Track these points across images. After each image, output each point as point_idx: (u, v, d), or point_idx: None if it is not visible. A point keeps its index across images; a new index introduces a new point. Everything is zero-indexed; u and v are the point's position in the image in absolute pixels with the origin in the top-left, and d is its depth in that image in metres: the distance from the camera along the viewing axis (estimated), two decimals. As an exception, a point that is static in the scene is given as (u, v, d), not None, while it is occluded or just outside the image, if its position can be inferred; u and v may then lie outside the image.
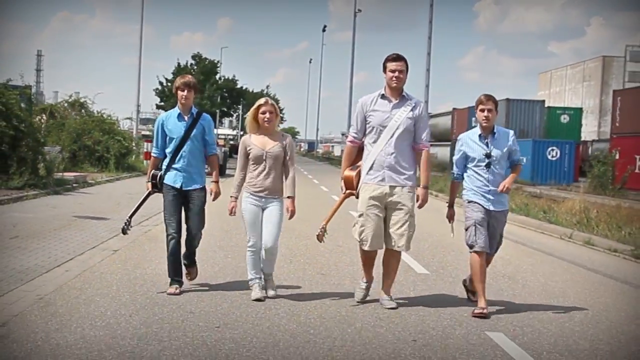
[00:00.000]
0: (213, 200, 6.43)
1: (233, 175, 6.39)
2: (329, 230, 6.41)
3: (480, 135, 6.28)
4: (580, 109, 43.63)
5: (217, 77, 67.91)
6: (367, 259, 6.31)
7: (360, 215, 6.16)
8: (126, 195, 16.52)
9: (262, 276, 6.30)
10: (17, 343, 4.63)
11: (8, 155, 15.91)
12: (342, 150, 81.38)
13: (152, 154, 6.61)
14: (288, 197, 6.27)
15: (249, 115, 6.27)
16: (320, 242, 6.30)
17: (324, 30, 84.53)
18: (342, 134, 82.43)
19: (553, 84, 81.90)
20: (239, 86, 73.03)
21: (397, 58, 6.14)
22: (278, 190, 6.28)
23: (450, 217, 6.40)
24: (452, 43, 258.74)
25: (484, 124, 6.23)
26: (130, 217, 6.63)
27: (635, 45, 76.97)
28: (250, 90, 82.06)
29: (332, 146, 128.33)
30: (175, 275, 6.40)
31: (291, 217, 6.31)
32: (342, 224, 9.62)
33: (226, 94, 70.59)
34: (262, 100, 6.25)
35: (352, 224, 6.28)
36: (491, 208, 6.19)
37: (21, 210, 12.61)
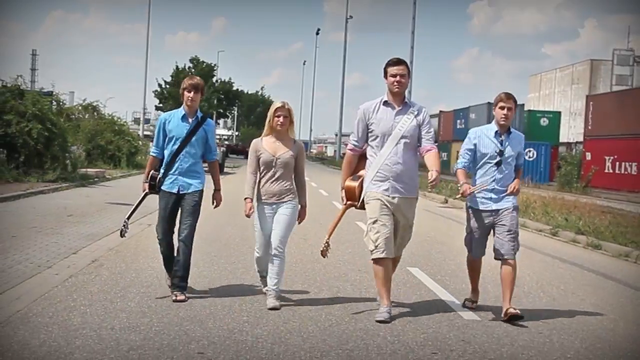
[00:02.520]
0: (214, 207, 6.48)
1: (231, 173, 7.42)
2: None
3: (496, 132, 6.18)
4: (559, 113, 46.23)
5: (214, 79, 70.65)
6: (383, 274, 5.85)
7: (374, 222, 5.85)
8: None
9: (272, 290, 6.05)
10: (108, 270, 7.40)
11: (43, 154, 18.72)
12: (335, 151, 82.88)
13: (151, 154, 6.45)
14: (301, 204, 6.21)
15: (268, 119, 6.14)
16: (324, 257, 6.07)
17: (317, 34, 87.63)
18: (336, 134, 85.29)
19: (543, 86, 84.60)
20: (234, 88, 75.85)
21: (398, 62, 5.94)
22: (287, 192, 6.13)
23: (466, 189, 6.13)
24: (446, 44, 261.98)
25: (502, 122, 6.14)
26: (128, 218, 6.53)
27: (623, 49, 79.56)
28: (246, 92, 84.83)
29: (326, 147, 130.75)
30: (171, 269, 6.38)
31: (301, 222, 6.26)
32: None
33: (222, 96, 73.29)
34: (279, 103, 6.13)
35: (364, 233, 5.98)
36: (492, 207, 6.13)
37: (62, 198, 15.38)
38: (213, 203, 6.43)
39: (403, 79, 5.92)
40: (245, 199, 6.11)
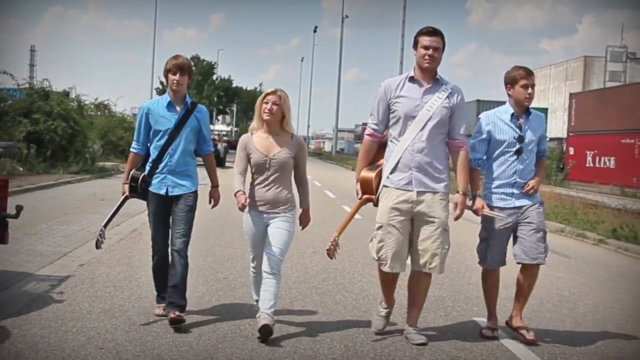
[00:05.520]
0: (212, 207, 5.61)
1: (232, 168, 5.58)
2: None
3: (513, 115, 5.25)
4: (546, 109, 48.48)
5: (214, 77, 73.02)
6: (387, 279, 5.20)
7: (379, 228, 5.03)
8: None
9: (267, 314, 4.96)
10: (148, 236, 9.69)
11: (67, 149, 21.15)
12: (332, 147, 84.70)
13: (132, 150, 5.52)
14: (303, 208, 5.32)
15: (256, 108, 5.17)
16: (332, 258, 5.05)
17: (315, 31, 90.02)
18: (333, 130, 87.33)
19: (538, 82, 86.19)
20: (234, 85, 78.25)
21: (433, 32, 5.00)
22: (282, 201, 5.13)
23: (481, 207, 5.20)
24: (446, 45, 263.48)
25: (526, 103, 5.20)
26: (104, 226, 5.67)
27: (616, 46, 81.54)
28: (244, 88, 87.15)
29: (323, 142, 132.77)
30: (162, 290, 5.46)
31: (304, 227, 5.36)
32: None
33: (222, 93, 75.64)
34: (270, 89, 5.17)
35: (369, 238, 5.15)
36: (515, 204, 5.21)
37: (88, 187, 17.76)
38: (210, 202, 5.58)
39: (436, 54, 5.00)
40: (237, 192, 5.08)
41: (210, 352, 4.68)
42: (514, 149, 5.21)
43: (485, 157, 5.34)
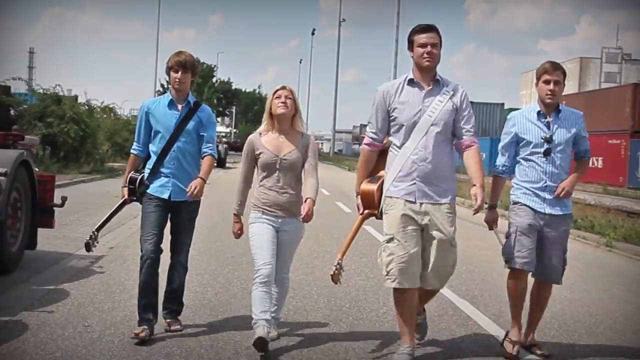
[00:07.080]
0: (188, 196, 5.02)
1: (233, 168, 5.57)
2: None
3: (539, 113, 4.97)
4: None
5: (214, 80, 74.48)
6: (404, 304, 4.68)
7: (389, 241, 4.63)
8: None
9: (271, 317, 4.82)
10: (163, 226, 11.17)
11: (79, 150, 22.64)
12: (330, 148, 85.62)
13: (132, 151, 5.33)
14: (307, 198, 4.84)
15: (266, 108, 4.95)
16: (336, 283, 4.85)
17: (313, 34, 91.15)
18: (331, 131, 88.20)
19: (533, 84, 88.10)
20: (233, 87, 79.78)
21: (428, 28, 4.69)
22: (293, 204, 4.90)
23: (493, 220, 4.99)
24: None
25: (548, 100, 4.90)
26: (98, 230, 5.51)
27: (612, 47, 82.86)
28: (244, 90, 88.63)
29: (322, 143, 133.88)
30: (144, 311, 5.05)
31: (306, 220, 4.86)
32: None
33: (222, 96, 77.11)
34: (278, 86, 4.94)
35: (378, 252, 4.74)
36: (547, 211, 4.90)
37: (100, 186, 19.19)
38: (189, 188, 4.99)
39: (435, 50, 4.68)
40: (234, 215, 4.94)
41: (226, 304, 6.16)
42: (542, 150, 4.92)
43: (511, 164, 5.08)
